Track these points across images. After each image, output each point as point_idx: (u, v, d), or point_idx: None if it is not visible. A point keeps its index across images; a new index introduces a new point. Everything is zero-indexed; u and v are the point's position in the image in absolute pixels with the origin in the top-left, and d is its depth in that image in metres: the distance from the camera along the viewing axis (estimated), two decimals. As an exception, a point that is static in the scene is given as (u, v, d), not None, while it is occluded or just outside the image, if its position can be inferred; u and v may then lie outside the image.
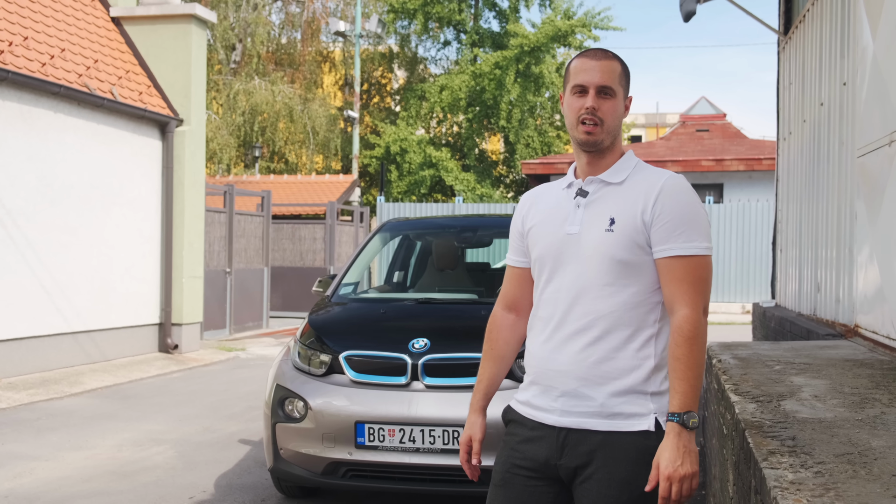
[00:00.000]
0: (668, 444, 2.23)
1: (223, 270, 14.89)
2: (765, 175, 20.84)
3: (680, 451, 2.21)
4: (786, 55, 8.47)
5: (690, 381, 2.25)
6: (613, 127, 2.42)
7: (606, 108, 2.40)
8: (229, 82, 28.27)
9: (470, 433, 2.63)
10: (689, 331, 2.28)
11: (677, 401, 2.25)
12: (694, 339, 2.27)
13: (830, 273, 6.04)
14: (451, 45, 30.59)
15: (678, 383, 2.26)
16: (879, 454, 2.26)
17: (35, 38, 10.41)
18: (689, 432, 2.23)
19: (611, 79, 2.40)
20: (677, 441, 2.22)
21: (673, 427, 2.23)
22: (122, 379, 10.14)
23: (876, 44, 4.75)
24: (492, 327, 2.69)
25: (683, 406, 2.24)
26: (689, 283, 2.32)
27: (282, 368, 5.14)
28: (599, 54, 2.44)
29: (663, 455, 2.22)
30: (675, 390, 2.26)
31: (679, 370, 2.27)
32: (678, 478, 2.19)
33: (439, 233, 6.81)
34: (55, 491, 5.59)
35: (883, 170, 4.47)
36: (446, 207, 21.52)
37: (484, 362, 2.68)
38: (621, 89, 2.43)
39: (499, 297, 2.71)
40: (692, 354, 2.26)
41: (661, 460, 2.23)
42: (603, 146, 2.43)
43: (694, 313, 2.29)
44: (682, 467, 2.20)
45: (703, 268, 2.34)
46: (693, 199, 2.38)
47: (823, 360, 4.09)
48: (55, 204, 10.29)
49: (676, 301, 2.32)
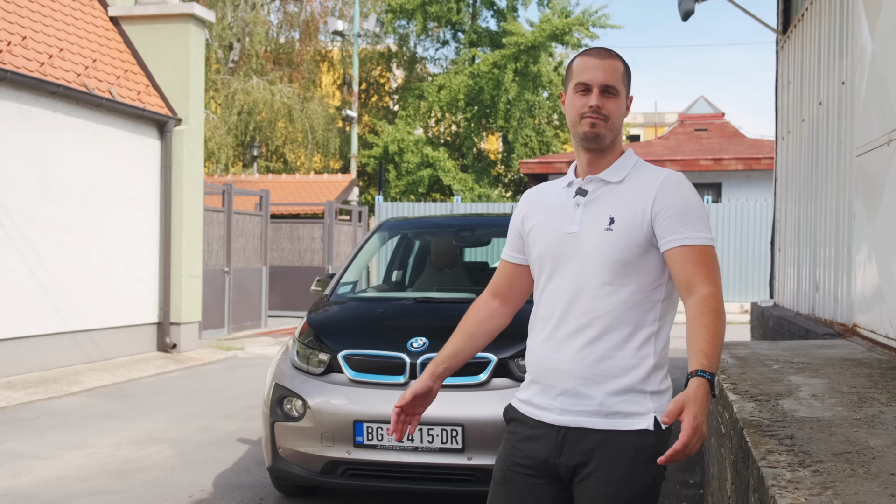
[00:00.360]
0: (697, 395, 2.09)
1: (222, 270, 14.88)
2: (763, 174, 20.85)
3: (705, 407, 2.09)
4: (784, 54, 8.47)
5: (717, 346, 2.18)
6: (616, 125, 2.43)
7: (610, 107, 2.40)
8: (228, 82, 28.26)
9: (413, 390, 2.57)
10: (715, 305, 2.23)
11: (703, 360, 2.14)
12: (719, 313, 2.22)
13: (829, 272, 6.04)
14: (450, 45, 30.61)
15: (704, 345, 2.16)
16: (877, 453, 2.26)
17: (33, 38, 10.41)
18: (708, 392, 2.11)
19: (614, 78, 2.41)
20: (705, 400, 2.09)
21: (703, 384, 2.11)
22: (121, 378, 10.14)
23: (874, 43, 4.76)
24: (472, 307, 2.68)
25: (710, 366, 2.14)
26: (704, 266, 2.30)
27: (280, 367, 5.14)
28: (603, 53, 2.45)
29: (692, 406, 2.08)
30: (699, 352, 2.16)
31: (705, 335, 2.19)
32: (700, 435, 2.07)
33: (438, 232, 6.81)
34: (54, 490, 5.59)
35: (881, 169, 4.48)
36: (445, 207, 21.51)
37: (453, 336, 2.65)
38: (624, 89, 2.44)
39: (488, 285, 2.70)
40: (718, 325, 2.21)
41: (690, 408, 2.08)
42: (604, 143, 2.43)
43: (716, 290, 2.26)
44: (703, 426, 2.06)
45: (714, 257, 2.34)
46: (693, 193, 2.39)
47: (822, 360, 4.10)
48: (54, 203, 10.29)
49: (696, 282, 2.28)
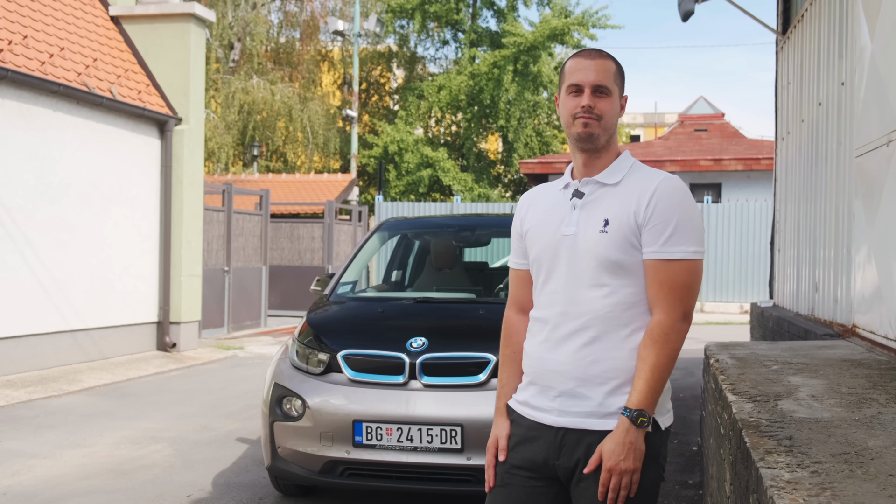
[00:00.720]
0: (614, 437, 2.28)
1: (221, 269, 14.89)
2: (763, 175, 20.86)
3: (625, 446, 2.26)
4: (784, 55, 8.48)
5: (650, 382, 2.29)
6: (610, 125, 2.43)
7: (603, 106, 2.41)
8: (228, 81, 28.27)
9: (497, 433, 2.59)
10: (658, 335, 2.31)
11: (633, 398, 2.29)
12: (662, 343, 2.30)
13: (828, 273, 6.04)
14: (450, 45, 30.61)
15: (637, 381, 2.30)
16: (876, 454, 2.26)
17: (34, 37, 10.41)
18: (637, 430, 2.27)
19: (606, 77, 2.41)
20: (624, 436, 2.27)
21: (623, 421, 2.28)
22: (121, 377, 10.14)
23: (874, 44, 4.76)
24: (508, 331, 2.68)
25: (638, 403, 2.28)
26: (669, 287, 2.33)
27: (280, 367, 5.14)
28: (594, 53, 2.45)
29: (606, 445, 2.28)
30: (634, 387, 2.30)
31: (641, 370, 2.31)
32: (618, 471, 2.25)
33: (437, 232, 6.81)
34: (53, 489, 5.60)
35: (881, 170, 4.48)
36: (444, 207, 21.52)
37: (504, 366, 2.66)
38: (616, 88, 2.44)
39: (508, 300, 2.71)
40: (658, 357, 2.30)
41: (604, 450, 2.28)
42: (599, 142, 2.43)
43: (668, 318, 2.32)
44: (624, 462, 2.25)
45: (688, 273, 2.34)
46: (687, 201, 2.38)
47: (821, 360, 4.10)
48: (54, 202, 10.29)
49: (654, 304, 2.36)
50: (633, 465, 2.25)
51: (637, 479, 2.26)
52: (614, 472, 2.25)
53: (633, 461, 2.25)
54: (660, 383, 2.29)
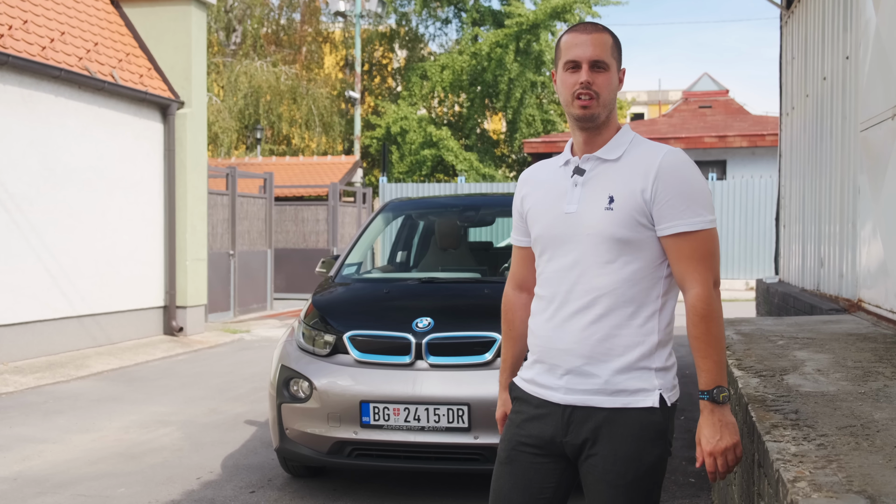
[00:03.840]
0: (705, 422, 2.29)
1: (227, 253, 14.90)
2: (768, 151, 20.79)
3: (717, 426, 2.26)
4: (788, 30, 8.43)
5: (713, 356, 2.28)
6: (609, 100, 2.40)
7: (601, 82, 2.37)
8: (230, 64, 28.20)
9: (504, 409, 2.68)
10: (703, 309, 2.30)
11: (704, 378, 2.29)
12: (709, 316, 2.29)
13: (834, 248, 6.03)
14: (451, 24, 30.46)
15: (702, 361, 2.30)
16: (882, 426, 2.27)
17: (35, 22, 10.38)
18: (721, 406, 2.27)
19: (603, 52, 2.38)
20: (712, 417, 2.27)
21: (706, 405, 2.28)
22: (128, 362, 10.18)
23: (878, 17, 4.73)
24: (507, 308, 2.71)
25: (711, 382, 2.27)
26: (697, 259, 2.32)
27: (286, 349, 5.15)
28: (589, 28, 2.42)
29: (703, 433, 2.29)
30: (701, 368, 2.30)
31: (700, 348, 2.30)
32: (720, 451, 2.25)
33: (442, 212, 6.80)
34: (63, 473, 5.63)
35: (886, 144, 4.46)
36: (449, 187, 21.49)
37: (506, 342, 2.72)
38: (614, 62, 2.41)
39: (509, 277, 2.72)
40: (710, 331, 2.29)
41: (701, 438, 2.29)
42: (599, 120, 2.41)
43: (705, 290, 2.31)
44: (722, 441, 2.25)
45: (710, 241, 2.34)
46: (693, 172, 2.37)
47: (827, 335, 4.10)
48: (58, 188, 10.30)
49: (687, 279, 2.34)
50: (731, 441, 2.26)
51: (740, 452, 2.27)
52: (716, 455, 2.26)
53: (730, 436, 2.25)
54: (722, 354, 2.29)
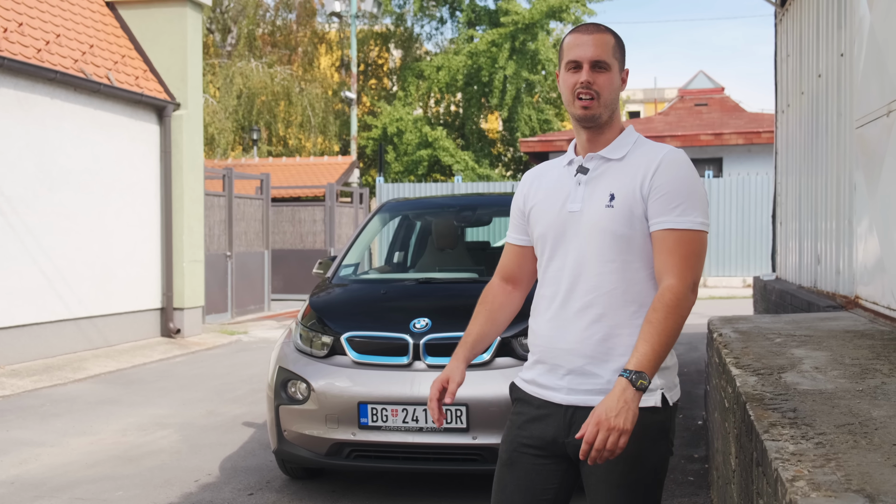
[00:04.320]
0: (613, 395, 2.16)
1: (224, 254, 14.89)
2: (764, 148, 20.80)
3: (619, 403, 2.14)
4: (783, 27, 8.44)
5: (654, 345, 2.20)
6: (610, 100, 2.41)
7: (602, 82, 2.38)
8: (226, 66, 28.18)
9: (448, 374, 2.54)
10: (670, 299, 2.24)
11: (634, 359, 2.19)
12: (672, 309, 2.23)
13: (830, 245, 6.04)
14: (447, 24, 30.45)
15: (640, 343, 2.21)
16: (880, 424, 2.27)
17: (30, 24, 10.37)
18: (635, 391, 2.16)
19: (604, 52, 2.38)
20: (620, 394, 2.15)
21: (620, 381, 2.17)
22: (125, 364, 10.17)
23: (873, 14, 4.73)
24: (488, 292, 2.68)
25: (638, 365, 2.18)
26: (679, 255, 2.29)
27: (284, 351, 5.15)
28: (592, 28, 2.43)
29: (602, 403, 2.17)
30: (636, 349, 2.21)
31: (646, 332, 2.22)
32: (607, 426, 2.12)
33: (439, 212, 6.80)
34: (61, 476, 5.62)
35: (881, 140, 4.47)
36: (446, 187, 21.49)
37: (475, 319, 2.65)
38: (616, 62, 2.41)
39: (497, 269, 2.70)
40: (665, 322, 2.22)
41: (598, 407, 2.17)
42: (601, 121, 2.42)
43: (680, 285, 2.26)
44: (616, 419, 2.12)
45: (697, 243, 2.32)
46: (691, 174, 2.37)
47: (824, 332, 4.10)
48: (54, 191, 10.29)
49: (664, 271, 2.30)
50: (624, 425, 2.12)
51: (624, 443, 2.12)
52: (602, 427, 2.12)
53: (625, 421, 2.12)
54: (665, 349, 2.21)
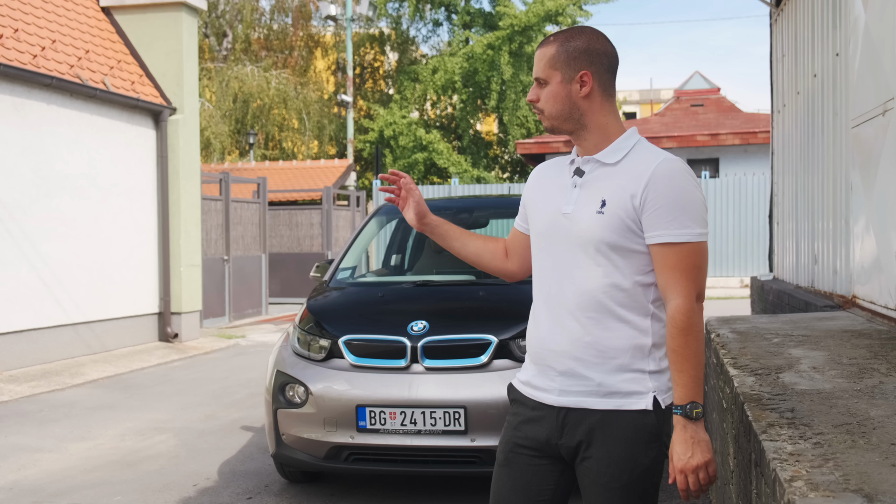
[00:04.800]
0: (677, 438, 2.25)
1: (221, 258, 14.88)
2: (760, 148, 20.81)
3: (688, 443, 2.23)
4: (778, 27, 8.45)
5: (689, 371, 2.25)
6: (555, 112, 2.42)
7: (544, 96, 2.43)
8: (221, 70, 28.18)
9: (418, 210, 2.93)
10: (682, 321, 2.27)
11: (679, 393, 2.26)
12: (688, 330, 2.26)
13: (827, 245, 6.04)
14: (443, 26, 30.47)
15: (677, 375, 2.27)
16: (878, 423, 2.27)
17: (25, 30, 10.36)
18: (695, 423, 2.23)
19: (540, 68, 2.43)
20: (684, 433, 2.24)
21: (678, 420, 2.25)
22: (123, 369, 10.15)
23: (868, 13, 4.74)
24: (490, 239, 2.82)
25: (685, 398, 2.24)
26: (680, 270, 2.29)
27: (282, 354, 5.14)
28: (543, 42, 2.47)
29: (675, 450, 2.25)
30: (676, 383, 2.27)
31: (676, 362, 2.27)
32: (691, 469, 2.22)
33: (435, 215, 6.78)
34: (59, 482, 5.61)
35: (877, 140, 4.47)
36: (442, 189, 21.49)
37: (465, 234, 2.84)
38: (556, 72, 2.39)
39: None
40: (688, 345, 2.26)
41: (673, 454, 2.26)
42: (562, 130, 2.45)
43: (686, 303, 2.28)
44: (693, 458, 2.22)
45: (697, 254, 2.31)
46: (687, 182, 2.33)
47: (822, 332, 4.10)
48: (51, 196, 10.28)
49: (669, 290, 2.31)
50: (703, 459, 2.22)
51: (713, 470, 2.23)
52: (687, 472, 2.22)
53: (702, 454, 2.22)
54: (699, 369, 2.26)
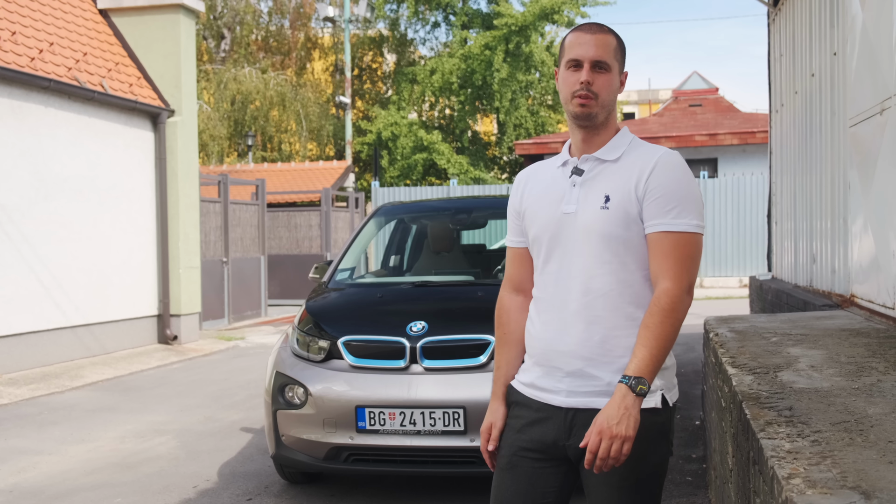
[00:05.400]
0: (613, 403, 2.20)
1: (220, 260, 14.88)
2: (758, 148, 20.83)
3: (620, 410, 2.18)
4: (776, 27, 8.46)
5: (652, 350, 2.22)
6: (608, 101, 2.40)
7: (601, 83, 2.37)
8: (219, 72, 28.18)
9: (491, 420, 2.54)
10: (666, 303, 2.25)
11: (633, 365, 2.22)
12: (669, 313, 2.24)
13: (825, 244, 6.05)
14: (441, 27, 30.47)
15: (638, 349, 2.23)
16: (876, 421, 2.28)
17: (23, 33, 10.36)
18: (635, 397, 2.19)
19: (605, 53, 2.38)
20: (622, 402, 2.18)
21: (620, 388, 2.20)
22: (123, 371, 10.15)
23: (865, 13, 4.75)
24: (501, 312, 2.63)
25: (637, 370, 2.20)
26: (675, 258, 2.29)
27: (281, 356, 5.15)
28: (595, 28, 2.42)
29: (603, 411, 2.21)
30: (634, 355, 2.23)
31: (644, 337, 2.24)
32: (609, 435, 2.16)
33: (434, 216, 6.80)
34: (59, 484, 5.61)
35: (875, 139, 4.48)
36: (441, 190, 21.50)
37: (500, 348, 2.62)
38: (616, 64, 2.41)
39: (504, 280, 2.67)
40: (662, 326, 2.23)
41: (600, 415, 2.21)
42: (597, 121, 2.41)
43: (675, 288, 2.27)
44: (618, 427, 2.16)
45: (692, 245, 2.31)
46: (687, 176, 2.36)
47: (820, 331, 4.11)
48: (49, 199, 10.28)
49: (660, 275, 2.30)
50: (626, 432, 2.16)
51: (627, 450, 2.16)
52: (605, 436, 2.16)
53: (627, 428, 2.16)
54: (663, 353, 2.22)
